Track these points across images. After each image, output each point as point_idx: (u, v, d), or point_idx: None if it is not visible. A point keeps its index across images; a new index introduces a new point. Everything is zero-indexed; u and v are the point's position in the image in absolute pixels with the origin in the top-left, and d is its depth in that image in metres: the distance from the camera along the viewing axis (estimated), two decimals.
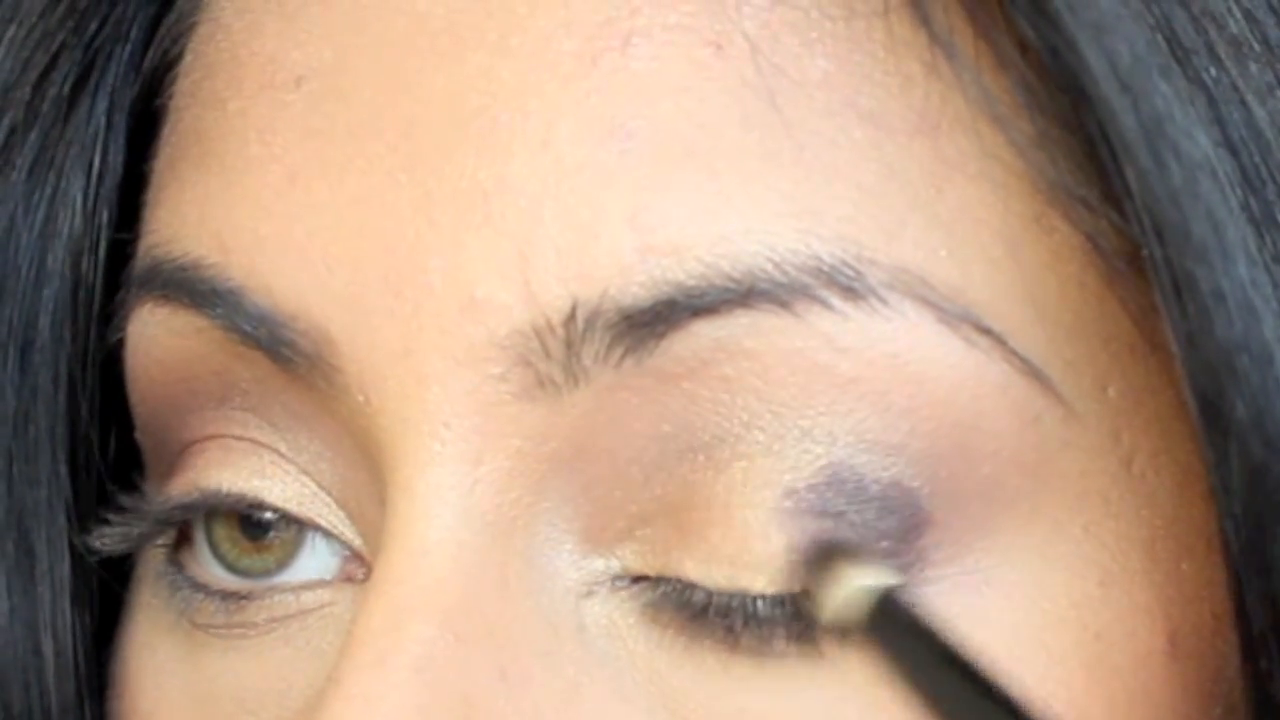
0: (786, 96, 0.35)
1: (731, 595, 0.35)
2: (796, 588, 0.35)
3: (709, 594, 0.35)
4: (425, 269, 0.35)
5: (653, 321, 0.34)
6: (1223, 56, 0.35)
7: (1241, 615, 0.34)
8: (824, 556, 0.33)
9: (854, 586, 0.32)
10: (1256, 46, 0.36)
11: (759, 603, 0.35)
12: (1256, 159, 0.35)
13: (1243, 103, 0.35)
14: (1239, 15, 0.36)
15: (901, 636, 0.31)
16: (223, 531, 0.39)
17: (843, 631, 0.32)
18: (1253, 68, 0.36)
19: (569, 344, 0.35)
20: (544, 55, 0.35)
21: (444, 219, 0.35)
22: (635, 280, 0.34)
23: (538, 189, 0.35)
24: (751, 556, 0.35)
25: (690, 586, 0.35)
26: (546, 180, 0.35)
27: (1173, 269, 0.33)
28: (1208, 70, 0.35)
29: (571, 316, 0.34)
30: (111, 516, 0.40)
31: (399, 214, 0.35)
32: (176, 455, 0.39)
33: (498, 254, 0.35)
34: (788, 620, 0.35)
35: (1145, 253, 0.33)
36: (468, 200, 0.35)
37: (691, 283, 0.34)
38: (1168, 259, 0.33)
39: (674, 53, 0.35)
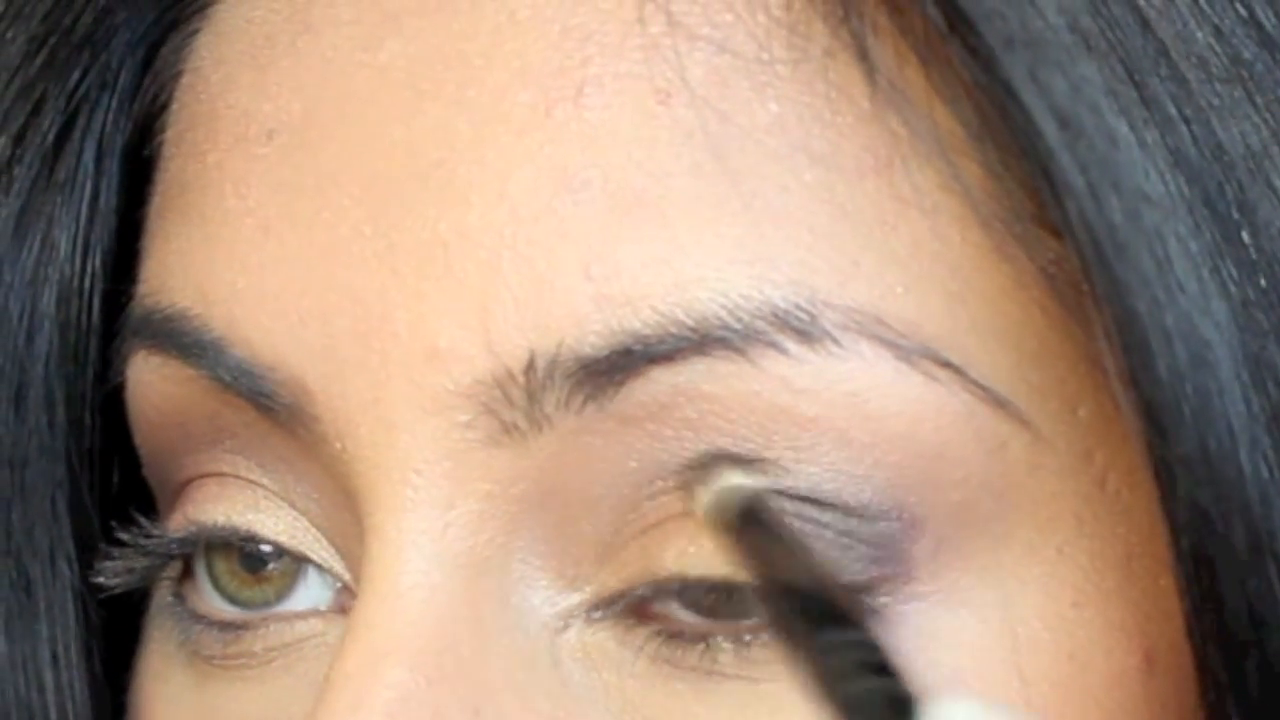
0: (735, 143, 0.35)
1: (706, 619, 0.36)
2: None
3: (684, 619, 0.36)
4: (391, 320, 0.36)
5: (610, 370, 0.35)
6: (1187, 77, 0.35)
7: (1195, 648, 0.34)
8: (711, 461, 0.35)
9: (727, 485, 0.33)
10: (1225, 65, 0.36)
11: (736, 625, 0.36)
12: (1219, 179, 0.35)
13: (1205, 123, 0.35)
14: (1207, 33, 0.36)
15: (758, 534, 0.32)
16: (223, 565, 0.40)
17: (714, 526, 0.33)
18: (1219, 87, 0.35)
19: (530, 392, 0.35)
20: (499, 106, 0.36)
21: (407, 270, 0.36)
22: (591, 330, 0.35)
23: (495, 240, 0.35)
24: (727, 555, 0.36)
25: (665, 612, 0.36)
26: (503, 231, 0.35)
27: (1113, 304, 0.33)
28: (1168, 93, 0.35)
29: (531, 366, 0.35)
30: (113, 552, 0.41)
31: (365, 266, 0.36)
32: (177, 492, 0.40)
33: (459, 305, 0.36)
34: (764, 643, 0.36)
35: (1085, 288, 0.33)
36: (428, 252, 0.36)
37: (647, 331, 0.35)
38: (1108, 294, 0.33)
39: (624, 101, 0.36)
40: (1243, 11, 0.37)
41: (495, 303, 0.35)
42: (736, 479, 0.34)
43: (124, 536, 0.41)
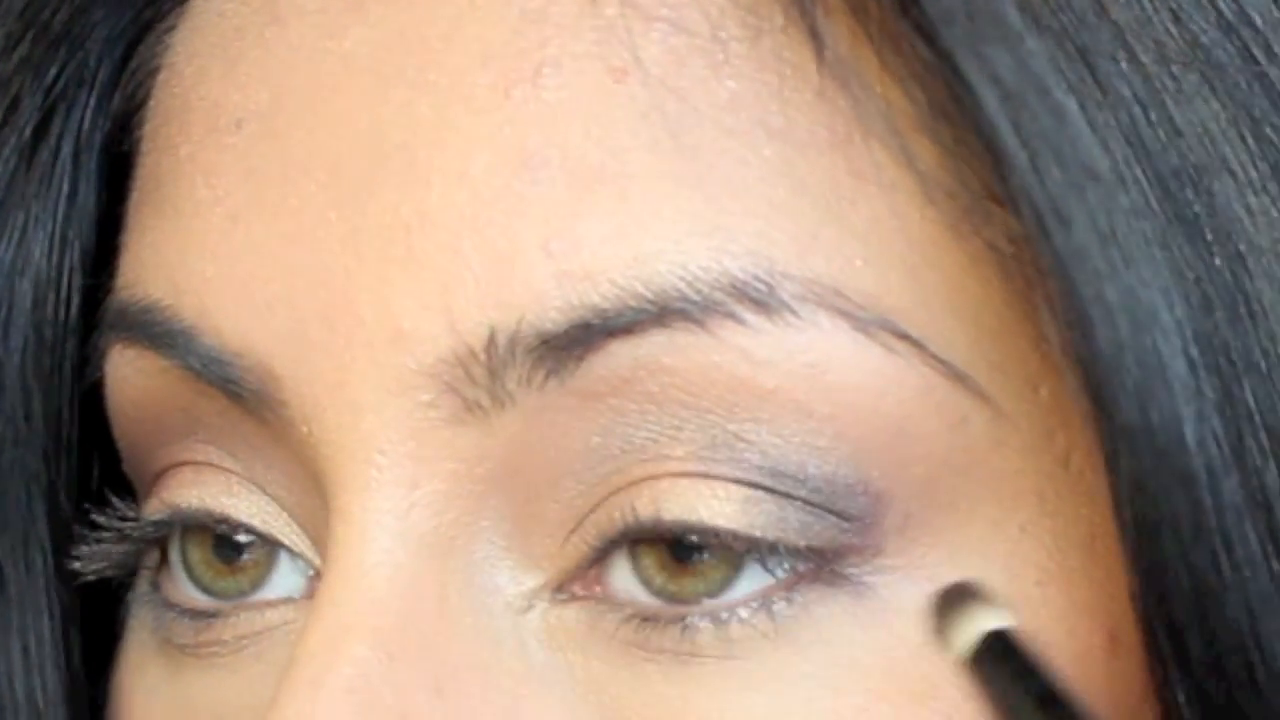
0: (692, 119, 0.36)
1: (672, 599, 0.36)
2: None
3: (649, 598, 0.36)
4: (355, 303, 0.36)
5: (570, 345, 0.35)
6: (1143, 61, 0.35)
7: (1140, 623, 0.34)
8: (957, 597, 0.34)
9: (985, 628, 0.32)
10: (1183, 49, 0.36)
11: (702, 601, 0.36)
12: (1175, 162, 0.35)
13: (1161, 106, 0.35)
14: (1165, 18, 0.36)
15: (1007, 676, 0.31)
16: (198, 554, 0.40)
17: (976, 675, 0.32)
18: (1176, 70, 0.36)
19: (492, 370, 0.36)
20: (459, 88, 0.36)
21: (370, 253, 0.36)
22: (551, 305, 0.35)
23: (456, 221, 0.36)
24: (706, 510, 0.36)
25: (629, 589, 0.36)
26: (464, 212, 0.36)
27: (1054, 277, 0.33)
28: (1122, 75, 0.35)
29: (491, 343, 0.35)
30: (89, 536, 0.42)
31: (329, 250, 0.37)
32: (153, 481, 0.41)
33: (421, 286, 0.36)
34: (721, 622, 0.36)
35: (1029, 262, 0.34)
36: (391, 234, 0.36)
37: (606, 305, 0.35)
38: (1050, 267, 0.33)
39: (582, 80, 0.36)
40: None
41: (456, 282, 0.36)
42: (990, 620, 0.33)
43: (99, 519, 0.41)
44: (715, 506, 0.35)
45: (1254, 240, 0.35)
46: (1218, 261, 0.35)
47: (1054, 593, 0.36)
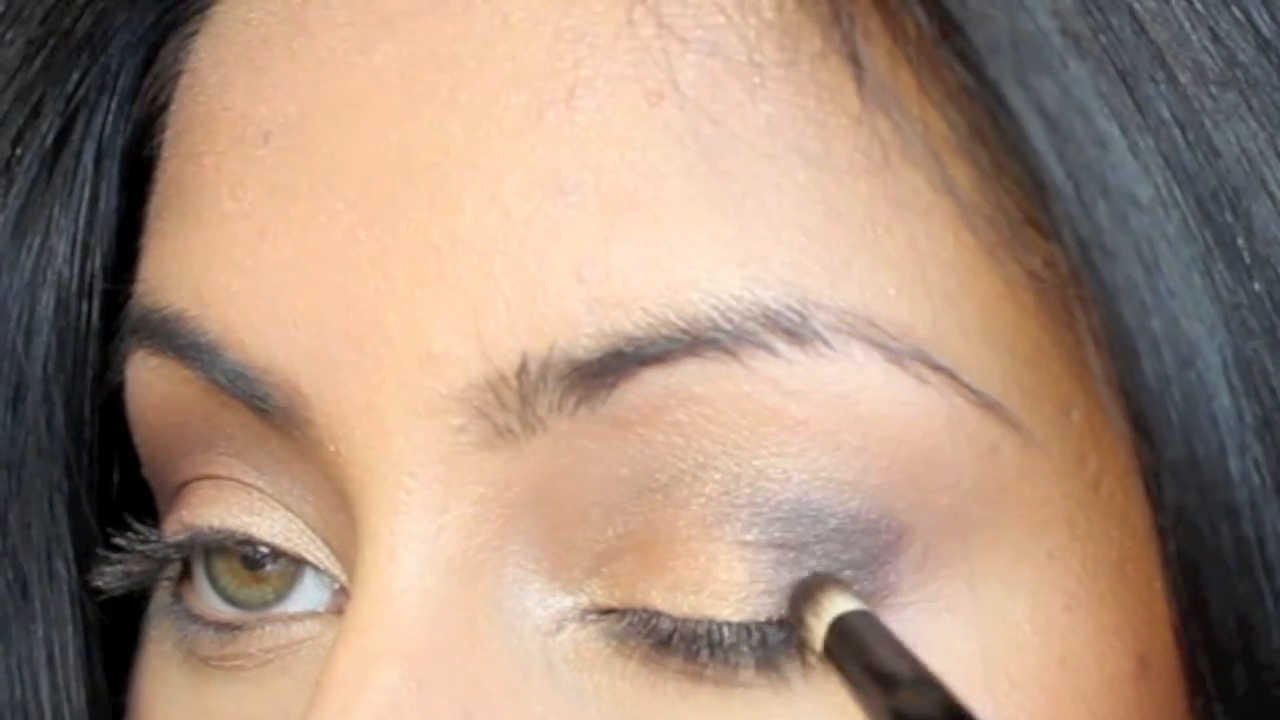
0: (727, 145, 0.35)
1: (696, 623, 0.36)
2: (782, 618, 0.36)
3: (674, 622, 0.36)
4: (384, 324, 0.36)
5: (602, 372, 0.35)
6: (1181, 81, 0.35)
7: (1182, 654, 0.34)
8: (814, 587, 0.35)
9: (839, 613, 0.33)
10: (1221, 68, 0.36)
11: (724, 629, 0.36)
12: (1214, 183, 0.35)
13: (1200, 127, 0.35)
14: (1203, 36, 0.36)
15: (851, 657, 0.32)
16: (222, 564, 0.40)
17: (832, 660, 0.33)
18: (1214, 91, 0.35)
19: (523, 396, 0.35)
20: (492, 109, 0.36)
21: (400, 275, 0.36)
22: (584, 333, 0.35)
23: (487, 244, 0.36)
24: (716, 585, 0.36)
25: (656, 615, 0.36)
26: (495, 235, 0.35)
27: (1099, 309, 0.33)
28: (1162, 96, 0.35)
29: (523, 369, 0.35)
30: (110, 556, 0.41)
31: (358, 270, 0.36)
32: (174, 494, 0.41)
33: (451, 309, 0.36)
34: (753, 648, 0.36)
35: (1072, 291, 0.33)
36: (421, 256, 0.36)
37: (639, 334, 0.35)
38: (1094, 299, 0.33)
39: (616, 104, 0.36)
40: (1239, 15, 0.37)
41: (487, 306, 0.35)
42: (844, 604, 0.34)
43: (120, 541, 0.41)
44: (724, 581, 0.36)
45: None
46: (1257, 286, 0.35)
47: (1083, 618, 0.36)
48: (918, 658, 0.33)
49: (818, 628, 0.35)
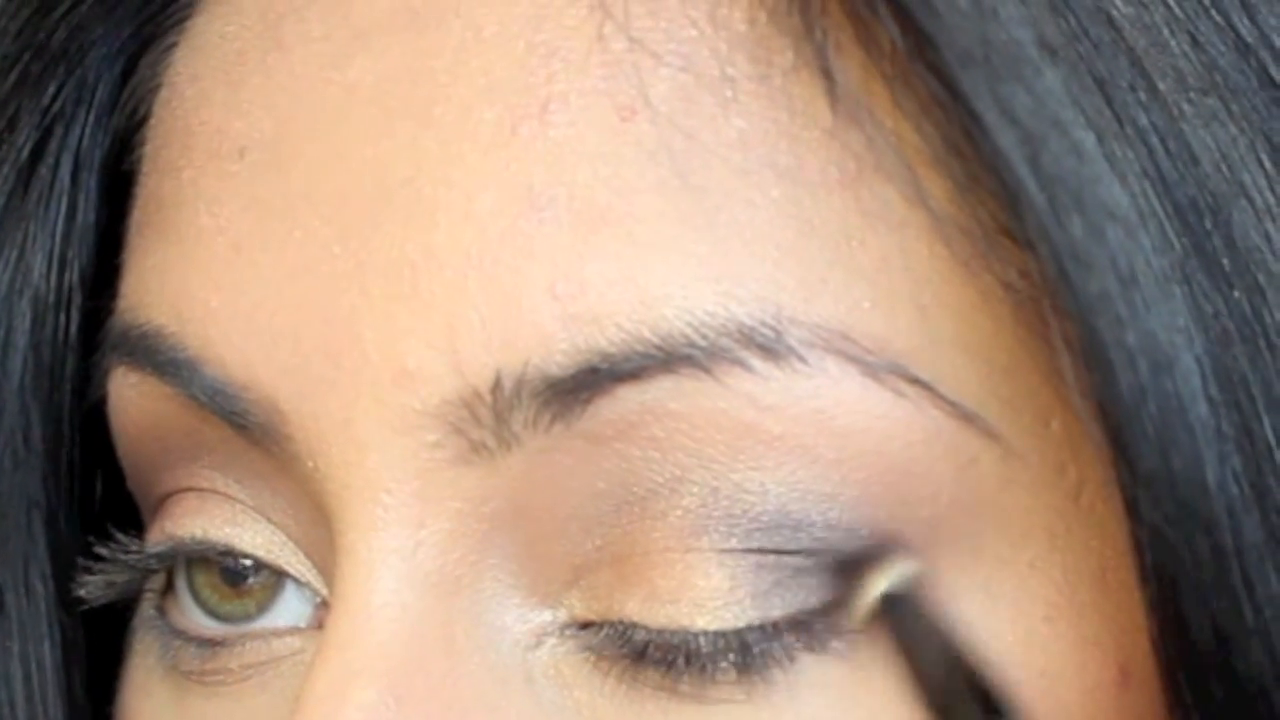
0: (700, 160, 0.35)
1: (673, 634, 0.36)
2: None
3: (650, 633, 0.36)
4: (360, 340, 0.36)
5: (577, 389, 0.35)
6: (1159, 87, 0.35)
7: (1161, 666, 0.34)
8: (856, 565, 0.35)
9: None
10: (1201, 74, 0.36)
11: (701, 639, 0.36)
12: (1192, 191, 0.35)
13: (1179, 134, 0.35)
14: (1182, 42, 0.36)
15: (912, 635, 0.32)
16: (203, 578, 0.40)
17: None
18: (1194, 96, 0.35)
19: (497, 412, 0.35)
20: (465, 124, 0.36)
21: (375, 290, 0.36)
22: (558, 349, 0.35)
23: (462, 260, 0.35)
24: (694, 593, 0.36)
25: (632, 626, 0.36)
26: (470, 251, 0.35)
27: (1074, 321, 0.33)
28: (1140, 103, 0.34)
29: (498, 385, 0.35)
30: (93, 566, 0.41)
31: (334, 286, 0.36)
32: (157, 506, 0.41)
33: (426, 325, 0.36)
34: (732, 658, 0.36)
35: (1047, 303, 0.33)
36: (396, 271, 0.36)
37: (613, 350, 0.35)
38: (1070, 311, 0.33)
39: (589, 119, 0.35)
40: (1219, 19, 0.36)
41: (462, 323, 0.35)
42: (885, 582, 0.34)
43: (103, 551, 0.41)
44: (702, 587, 0.36)
45: (1272, 270, 0.35)
46: (1236, 294, 0.34)
47: (1064, 628, 0.36)
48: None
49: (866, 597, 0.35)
